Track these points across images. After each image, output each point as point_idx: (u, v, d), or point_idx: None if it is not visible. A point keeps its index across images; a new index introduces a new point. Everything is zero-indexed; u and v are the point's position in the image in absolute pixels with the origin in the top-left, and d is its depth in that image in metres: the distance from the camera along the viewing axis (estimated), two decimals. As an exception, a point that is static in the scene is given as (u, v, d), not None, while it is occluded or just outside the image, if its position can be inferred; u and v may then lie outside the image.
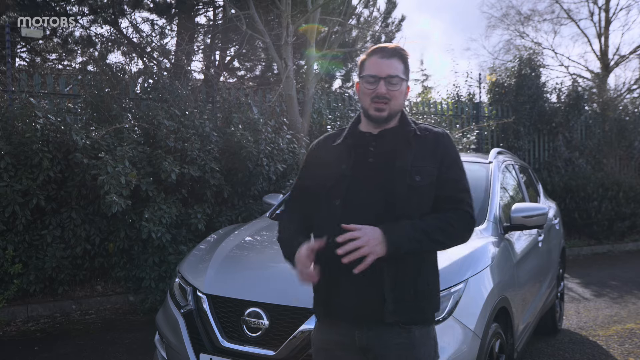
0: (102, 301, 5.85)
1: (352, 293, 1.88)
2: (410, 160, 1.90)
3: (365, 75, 1.92)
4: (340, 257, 1.86)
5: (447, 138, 1.99)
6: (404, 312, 1.86)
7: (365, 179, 1.91)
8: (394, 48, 1.94)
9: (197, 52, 10.08)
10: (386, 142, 1.95)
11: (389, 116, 1.93)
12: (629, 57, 15.50)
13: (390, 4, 10.04)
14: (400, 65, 1.92)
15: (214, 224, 6.09)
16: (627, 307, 5.95)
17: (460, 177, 1.96)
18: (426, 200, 1.90)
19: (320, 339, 2.01)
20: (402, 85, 1.93)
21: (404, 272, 1.86)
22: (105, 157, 5.18)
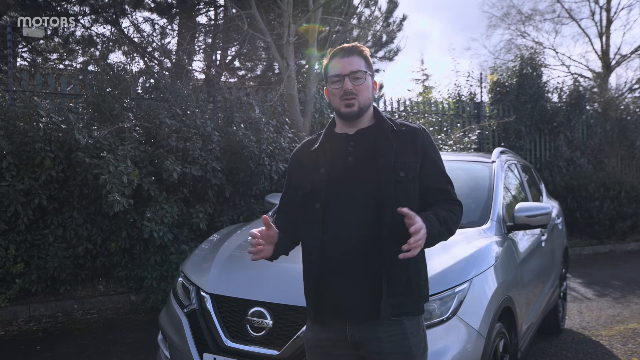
0: (104, 301, 5.85)
1: (344, 290, 1.92)
2: (392, 156, 1.93)
3: (330, 76, 1.99)
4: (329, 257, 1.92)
5: (425, 133, 2.04)
6: (398, 305, 1.90)
7: (346, 179, 1.95)
8: (352, 46, 2.00)
9: (198, 52, 10.06)
10: (365, 141, 1.99)
11: (359, 111, 1.97)
12: (630, 57, 15.46)
13: (391, 3, 10.03)
14: (360, 61, 1.97)
15: (216, 223, 6.09)
16: (630, 307, 5.94)
17: (443, 169, 2.04)
18: (413, 195, 1.95)
19: (312, 337, 2.04)
20: (367, 80, 1.98)
21: (397, 265, 1.88)
22: (107, 157, 5.18)
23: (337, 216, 1.92)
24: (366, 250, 1.90)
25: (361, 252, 1.91)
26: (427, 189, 1.99)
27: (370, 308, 1.89)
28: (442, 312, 2.62)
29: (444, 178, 2.03)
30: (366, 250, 1.90)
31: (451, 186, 2.04)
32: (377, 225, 1.89)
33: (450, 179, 2.05)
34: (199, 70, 10.06)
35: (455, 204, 2.00)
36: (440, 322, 2.58)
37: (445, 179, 2.03)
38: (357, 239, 1.91)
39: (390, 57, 10.98)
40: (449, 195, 2.01)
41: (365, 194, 1.91)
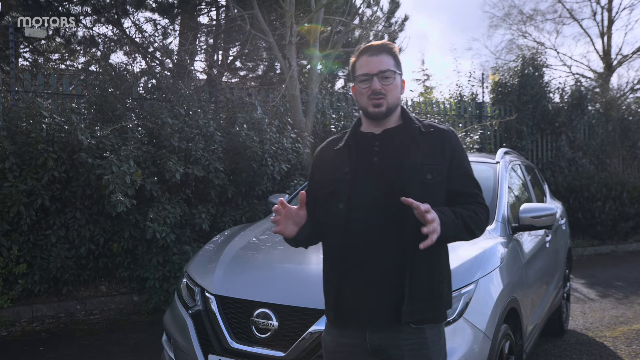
0: (107, 301, 5.84)
1: (365, 294, 1.87)
2: (419, 158, 1.89)
3: (358, 75, 1.95)
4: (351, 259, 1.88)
5: (453, 134, 1.99)
6: (420, 311, 1.85)
7: (370, 179, 1.91)
8: (381, 44, 1.96)
9: (200, 52, 10.06)
10: (391, 141, 1.95)
11: (387, 111, 1.94)
12: (632, 57, 15.46)
13: (393, 3, 10.03)
14: (390, 60, 1.93)
15: (218, 224, 6.08)
16: (633, 308, 5.93)
17: (471, 172, 1.99)
18: (438, 198, 1.89)
19: (331, 341, 1.99)
20: (396, 79, 1.94)
21: (421, 271, 1.84)
22: (110, 157, 5.17)
23: (360, 218, 1.88)
24: (388, 253, 1.85)
25: (383, 255, 1.86)
26: (453, 192, 1.94)
27: (391, 314, 1.85)
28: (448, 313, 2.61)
29: (472, 182, 1.98)
30: (388, 253, 1.85)
31: (479, 190, 1.99)
32: (400, 228, 1.84)
33: (478, 182, 2.00)
34: (201, 70, 10.07)
35: (480, 207, 1.95)
36: (447, 324, 2.57)
37: (473, 183, 1.98)
38: (379, 241, 1.86)
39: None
40: (474, 199, 1.96)
41: (389, 196, 1.85)
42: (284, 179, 6.48)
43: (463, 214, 1.87)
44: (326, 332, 2.04)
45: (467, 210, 1.90)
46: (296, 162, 6.56)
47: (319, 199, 2.02)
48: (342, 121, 7.60)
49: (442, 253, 1.96)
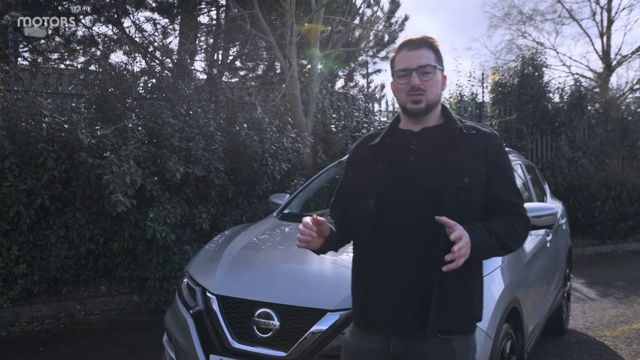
0: (106, 301, 5.83)
1: (392, 298, 1.80)
2: (458, 160, 1.79)
3: (397, 70, 1.85)
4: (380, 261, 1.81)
5: (497, 139, 1.89)
6: (448, 321, 1.77)
7: (404, 179, 1.82)
8: (422, 38, 1.87)
9: (200, 52, 10.05)
10: (429, 140, 1.85)
11: (427, 107, 1.84)
12: (631, 57, 15.48)
13: (394, 3, 10.03)
14: (430, 55, 1.84)
15: (219, 223, 6.07)
16: (633, 307, 5.93)
17: (513, 180, 1.89)
18: (474, 204, 1.80)
19: (353, 344, 1.92)
20: (437, 74, 1.84)
21: (451, 280, 1.75)
22: (110, 157, 5.17)
23: (391, 217, 1.80)
24: (418, 257, 1.76)
25: (413, 259, 1.77)
26: (491, 200, 1.82)
27: (417, 321, 1.77)
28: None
29: (512, 190, 1.87)
30: (418, 258, 1.76)
31: (520, 199, 1.87)
32: (431, 232, 1.73)
33: (520, 191, 1.90)
34: (201, 70, 10.07)
35: (520, 219, 1.82)
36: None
37: (514, 191, 1.87)
38: (409, 244, 1.78)
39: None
40: (514, 209, 1.84)
41: (423, 197, 1.77)
42: (284, 179, 6.48)
43: (498, 231, 1.75)
44: (349, 334, 1.97)
45: (504, 225, 1.78)
46: (296, 161, 6.56)
47: (350, 197, 1.95)
48: (342, 121, 7.60)
49: (475, 262, 1.84)
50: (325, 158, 6.96)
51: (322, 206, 5.79)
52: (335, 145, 7.19)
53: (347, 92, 9.95)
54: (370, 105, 8.88)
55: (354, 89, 11.53)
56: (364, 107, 8.52)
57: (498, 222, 1.79)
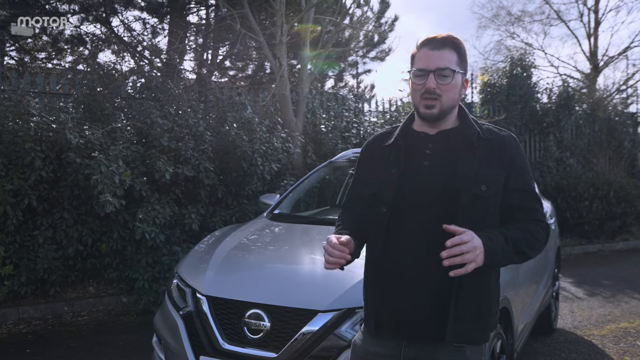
0: (95, 302, 5.78)
1: (407, 308, 1.74)
2: (475, 166, 1.71)
3: (414, 69, 1.76)
4: (393, 268, 1.75)
5: (514, 141, 1.81)
6: (464, 332, 1.71)
7: (418, 185, 1.74)
8: (445, 37, 1.76)
9: (189, 51, 10.00)
10: (445, 145, 1.77)
11: (440, 113, 1.75)
12: (618, 58, 15.62)
13: (383, 4, 10.05)
14: (452, 56, 1.74)
15: (208, 224, 6.05)
16: (620, 306, 5.98)
17: (531, 185, 1.81)
18: (492, 211, 1.73)
19: (363, 348, 1.86)
20: (456, 78, 1.74)
21: (468, 289, 1.70)
22: (98, 157, 5.12)
23: (404, 225, 1.72)
24: (433, 266, 1.66)
25: (427, 268, 1.70)
26: (509, 207, 1.75)
27: (433, 330, 1.71)
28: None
29: (531, 196, 1.78)
30: (433, 266, 1.66)
31: (539, 205, 1.79)
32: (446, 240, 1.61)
33: (539, 197, 1.82)
34: (190, 70, 10.02)
35: (538, 225, 1.75)
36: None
37: (532, 197, 1.78)
38: (423, 252, 1.70)
39: (382, 57, 11.01)
40: (532, 215, 1.76)
41: (438, 204, 1.69)
42: (274, 179, 6.46)
43: (515, 238, 1.68)
44: (359, 338, 1.91)
45: (521, 232, 1.71)
46: (286, 162, 6.55)
47: (362, 199, 1.88)
48: (332, 121, 7.59)
49: (493, 269, 1.80)
50: (316, 158, 6.96)
51: (312, 206, 5.79)
52: (325, 145, 7.19)
53: (337, 92, 9.94)
54: (360, 105, 8.89)
55: (343, 89, 11.54)
56: (354, 107, 8.53)
57: (515, 228, 1.72)
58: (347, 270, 2.90)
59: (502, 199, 1.76)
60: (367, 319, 1.87)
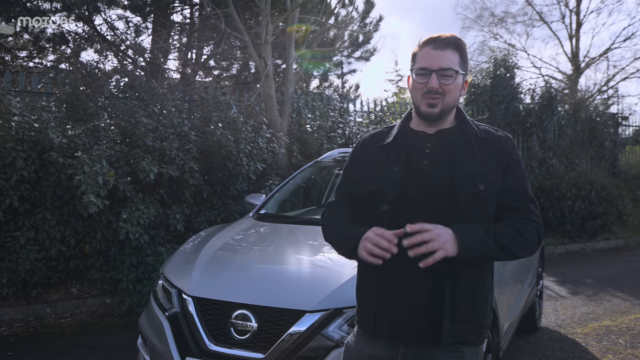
0: (78, 304, 5.71)
1: (405, 309, 1.73)
2: (473, 166, 1.72)
3: (416, 67, 1.76)
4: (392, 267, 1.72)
5: (510, 141, 1.81)
6: (460, 333, 1.71)
7: (418, 184, 1.73)
8: (449, 37, 1.76)
9: (173, 51, 9.94)
10: (444, 144, 1.77)
11: (441, 113, 1.75)
12: (599, 59, 15.83)
13: (368, 4, 10.08)
14: (455, 57, 1.74)
15: (193, 224, 6.00)
16: (603, 305, 6.06)
17: (526, 185, 1.80)
18: (488, 211, 1.74)
19: (358, 351, 1.84)
20: (458, 79, 1.75)
21: (464, 290, 1.71)
22: (82, 157, 5.06)
23: (404, 223, 1.67)
24: (431, 266, 1.64)
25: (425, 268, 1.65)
26: (502, 206, 1.75)
27: (430, 332, 1.70)
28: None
29: (525, 196, 1.77)
30: (431, 267, 1.64)
31: (533, 205, 1.78)
32: None
33: (532, 197, 1.80)
34: (174, 69, 9.95)
35: (528, 224, 1.73)
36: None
37: (526, 197, 1.77)
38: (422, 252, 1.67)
39: (367, 57, 11.03)
40: (525, 215, 1.74)
41: (436, 203, 1.69)
42: (259, 179, 6.44)
43: (498, 233, 1.67)
44: (352, 340, 1.89)
45: (507, 228, 1.70)
46: (271, 162, 6.53)
47: (358, 197, 1.84)
48: (317, 121, 7.59)
49: (488, 270, 1.81)
50: (301, 158, 6.94)
51: (298, 206, 5.77)
52: (310, 145, 7.18)
53: (322, 92, 9.94)
54: (345, 106, 8.90)
55: (328, 89, 11.55)
56: (340, 107, 8.53)
57: (501, 225, 1.72)
58: (333, 270, 2.92)
59: (496, 198, 1.76)
60: (363, 320, 1.83)
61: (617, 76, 15.69)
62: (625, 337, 4.97)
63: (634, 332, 5.09)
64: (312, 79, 11.18)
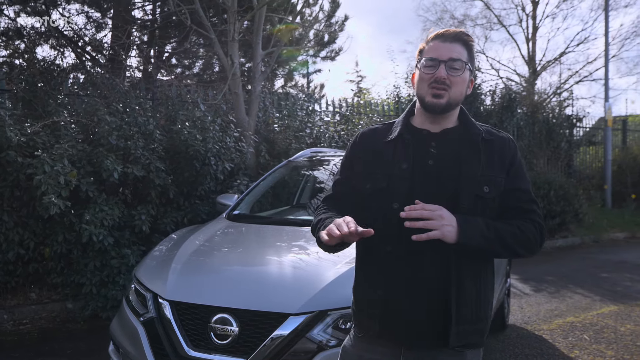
0: (37, 309, 5.47)
1: (412, 311, 1.69)
2: (478, 167, 1.69)
3: (425, 59, 1.72)
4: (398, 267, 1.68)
5: (514, 143, 1.80)
6: (464, 334, 1.68)
7: (423, 183, 1.69)
8: (460, 32, 1.74)
9: (134, 48, 9.67)
10: (449, 144, 1.73)
11: (447, 105, 1.70)
12: (554, 63, 16.31)
13: (334, 4, 10.08)
14: (463, 51, 1.72)
15: (159, 225, 5.85)
16: (565, 301, 6.21)
17: (528, 186, 1.78)
18: (490, 213, 1.70)
19: (356, 355, 1.80)
20: (465, 73, 1.72)
21: (469, 292, 1.68)
22: (42, 156, 4.85)
23: None
24: (436, 267, 1.65)
25: (430, 268, 1.66)
26: (505, 207, 1.72)
27: (435, 334, 1.67)
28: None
29: (527, 196, 1.75)
30: (436, 267, 1.65)
31: (535, 205, 1.75)
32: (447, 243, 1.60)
33: (534, 197, 1.78)
34: (134, 66, 9.69)
35: (531, 224, 1.70)
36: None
37: (528, 198, 1.75)
38: (428, 251, 1.64)
39: (333, 57, 11.03)
40: (527, 215, 1.72)
41: (439, 204, 1.62)
42: (227, 179, 6.32)
43: (499, 228, 1.65)
44: (349, 343, 1.84)
45: (508, 225, 1.68)
46: (239, 161, 6.42)
47: (362, 193, 1.77)
48: (285, 120, 7.51)
49: (489, 271, 1.78)
50: (269, 158, 6.86)
51: (271, 207, 5.69)
52: (278, 144, 7.10)
53: (288, 91, 9.87)
54: (312, 106, 8.86)
55: (293, 89, 11.49)
56: (307, 107, 8.48)
57: (504, 222, 1.69)
58: (316, 271, 2.87)
59: (499, 199, 1.74)
60: (364, 323, 1.78)
61: (571, 79, 16.19)
62: (589, 332, 5.11)
63: (596, 328, 5.24)
64: (276, 78, 11.09)
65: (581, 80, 16.42)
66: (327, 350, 2.47)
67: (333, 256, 2.90)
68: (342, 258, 2.80)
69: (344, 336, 2.51)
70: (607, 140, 13.34)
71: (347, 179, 1.86)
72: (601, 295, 6.49)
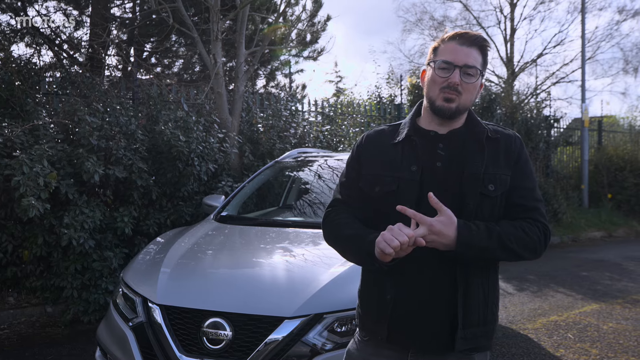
0: (16, 314, 5.32)
1: (420, 315, 1.67)
2: (483, 166, 1.68)
3: (439, 60, 1.69)
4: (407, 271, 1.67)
5: (520, 141, 1.78)
6: (473, 338, 1.67)
7: (432, 184, 1.67)
8: (478, 36, 1.71)
9: (113, 46, 9.50)
10: (455, 144, 1.72)
11: (457, 111, 1.69)
12: (532, 64, 16.51)
13: (316, 4, 10.04)
14: (479, 57, 1.70)
15: (142, 227, 5.74)
16: (548, 300, 6.27)
17: (534, 184, 1.75)
18: (497, 211, 1.69)
19: (363, 358, 1.78)
20: (478, 80, 1.70)
21: (476, 295, 1.68)
22: (20, 157, 4.72)
23: None
24: (444, 270, 1.65)
25: (439, 271, 1.65)
26: (510, 204, 1.70)
27: (443, 338, 1.66)
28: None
29: (531, 193, 1.72)
30: (444, 270, 1.65)
31: (539, 204, 1.72)
32: None
33: (540, 196, 1.75)
34: (114, 65, 9.52)
35: (535, 225, 1.68)
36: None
37: (532, 195, 1.72)
38: (437, 254, 1.62)
39: (315, 57, 11.00)
40: (531, 215, 1.69)
41: (449, 204, 1.60)
42: (210, 180, 6.24)
43: (502, 233, 1.62)
44: (354, 347, 1.82)
45: (513, 228, 1.65)
46: (223, 162, 6.35)
47: (370, 195, 1.75)
48: (270, 120, 7.45)
49: (496, 274, 1.79)
50: (253, 158, 6.79)
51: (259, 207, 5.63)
52: (262, 145, 7.04)
53: (271, 91, 9.81)
54: (294, 106, 8.81)
55: (275, 89, 11.43)
56: (291, 107, 8.43)
57: (507, 224, 1.66)
58: (310, 273, 2.82)
59: (505, 197, 1.72)
60: (371, 327, 1.76)
61: (548, 81, 16.41)
62: (572, 331, 5.16)
63: (580, 327, 5.29)
64: (258, 78, 11.02)
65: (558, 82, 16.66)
66: (323, 354, 2.44)
67: (327, 258, 2.87)
68: (336, 260, 2.77)
69: (340, 339, 2.48)
70: (584, 141, 13.54)
71: (354, 181, 1.83)
72: (582, 294, 6.57)
